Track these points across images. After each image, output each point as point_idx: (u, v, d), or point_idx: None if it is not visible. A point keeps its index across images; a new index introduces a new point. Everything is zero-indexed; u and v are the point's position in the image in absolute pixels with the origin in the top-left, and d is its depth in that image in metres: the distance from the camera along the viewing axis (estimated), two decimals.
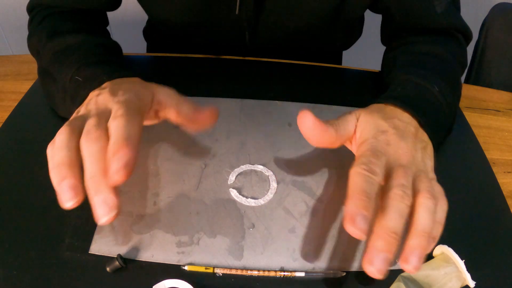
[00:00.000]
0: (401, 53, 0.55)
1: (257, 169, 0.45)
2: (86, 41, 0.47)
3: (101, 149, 0.31)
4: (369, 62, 1.26)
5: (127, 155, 0.31)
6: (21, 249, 0.36)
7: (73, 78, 0.42)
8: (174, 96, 0.40)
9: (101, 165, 0.31)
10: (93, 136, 0.32)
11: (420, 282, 0.35)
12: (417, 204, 0.33)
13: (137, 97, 0.37)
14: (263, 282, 0.36)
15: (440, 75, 0.47)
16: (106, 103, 0.35)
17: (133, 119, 0.34)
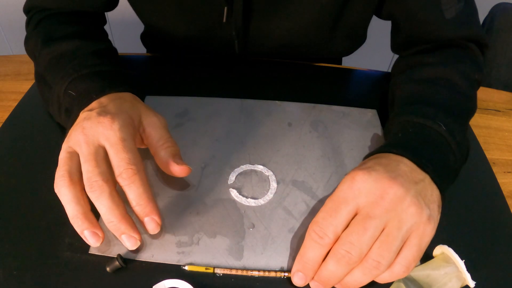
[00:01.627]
0: (408, 80, 0.50)
1: (257, 169, 0.45)
2: (81, 48, 0.47)
3: (112, 199, 0.34)
4: (369, 62, 1.27)
5: (155, 214, 0.36)
6: (21, 249, 0.36)
7: (67, 92, 0.42)
8: (159, 131, 0.40)
9: (116, 213, 0.34)
10: (99, 191, 0.34)
11: (420, 282, 0.35)
12: (355, 268, 0.33)
13: (126, 120, 0.38)
14: (263, 282, 0.36)
15: (448, 110, 0.43)
16: (97, 137, 0.36)
17: (136, 157, 0.36)
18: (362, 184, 0.34)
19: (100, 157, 0.35)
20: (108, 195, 0.34)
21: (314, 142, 0.48)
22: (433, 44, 0.52)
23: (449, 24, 0.50)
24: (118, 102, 0.40)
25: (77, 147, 0.36)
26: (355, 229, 0.32)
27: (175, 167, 0.39)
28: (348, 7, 0.55)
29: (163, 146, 0.39)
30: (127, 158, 0.35)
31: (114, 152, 0.35)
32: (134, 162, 0.35)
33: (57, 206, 0.40)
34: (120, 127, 0.36)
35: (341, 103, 0.54)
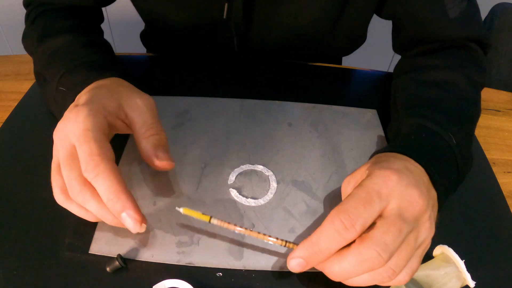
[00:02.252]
0: (413, 82, 0.49)
1: (257, 169, 0.45)
2: (74, 42, 0.46)
3: (96, 202, 0.33)
4: (369, 62, 1.27)
5: (130, 208, 0.32)
6: (21, 249, 0.36)
7: (58, 89, 0.42)
8: (142, 115, 0.37)
9: (106, 210, 0.33)
10: (80, 196, 0.33)
11: (420, 282, 0.35)
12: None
13: (94, 109, 0.35)
14: (263, 282, 0.36)
15: (458, 120, 0.42)
16: (66, 135, 0.34)
17: (101, 146, 0.33)
18: (396, 185, 0.32)
19: (74, 157, 0.33)
20: (90, 198, 0.33)
21: (314, 142, 0.48)
22: (437, 44, 0.52)
23: (452, 24, 0.50)
24: (93, 91, 0.37)
25: (56, 153, 0.35)
26: (392, 230, 0.29)
27: (156, 162, 0.37)
28: (349, 6, 0.55)
29: (144, 135, 0.37)
30: (89, 149, 0.32)
31: (77, 146, 0.33)
32: (98, 152, 0.32)
33: (57, 206, 0.40)
34: (84, 118, 0.33)
35: (341, 103, 0.54)
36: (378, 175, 0.33)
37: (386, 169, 0.33)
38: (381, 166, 0.34)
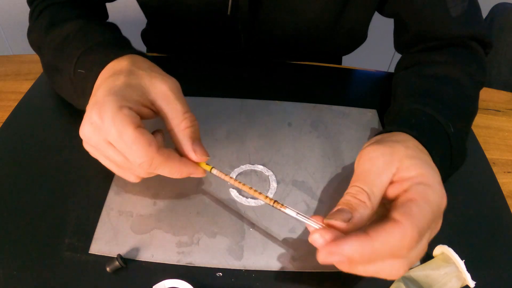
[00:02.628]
0: (415, 75, 0.50)
1: (257, 169, 0.45)
2: (86, 25, 0.45)
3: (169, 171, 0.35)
4: (370, 62, 1.27)
5: (195, 169, 0.36)
6: (21, 249, 0.36)
7: (76, 72, 0.40)
8: (170, 104, 0.35)
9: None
10: (133, 178, 0.36)
11: (420, 282, 0.35)
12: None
13: (115, 106, 0.32)
14: (263, 282, 0.36)
15: (458, 114, 0.43)
16: (98, 143, 0.33)
17: (141, 144, 0.32)
18: (438, 185, 0.32)
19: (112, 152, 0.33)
20: (146, 174, 0.35)
21: (314, 142, 0.48)
22: (440, 42, 0.52)
23: (455, 23, 0.50)
24: (111, 80, 0.35)
25: (101, 160, 0.36)
26: (435, 226, 0.31)
27: (194, 157, 0.36)
28: (350, 3, 0.55)
29: (179, 127, 0.35)
30: (134, 154, 0.32)
31: (120, 148, 0.33)
32: (142, 153, 0.32)
33: (57, 206, 0.40)
34: (111, 120, 0.32)
35: (341, 103, 0.54)
36: (427, 187, 0.32)
37: (432, 171, 0.33)
38: (419, 161, 0.33)
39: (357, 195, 0.32)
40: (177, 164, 0.35)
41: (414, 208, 0.30)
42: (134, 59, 0.38)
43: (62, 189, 0.41)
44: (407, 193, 0.31)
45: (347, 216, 0.31)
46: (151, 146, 0.32)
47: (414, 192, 0.31)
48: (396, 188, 0.33)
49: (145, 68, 0.37)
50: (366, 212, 0.31)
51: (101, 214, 0.39)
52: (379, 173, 0.33)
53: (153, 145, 0.33)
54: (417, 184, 0.31)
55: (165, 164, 0.34)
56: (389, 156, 0.33)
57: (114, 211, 0.40)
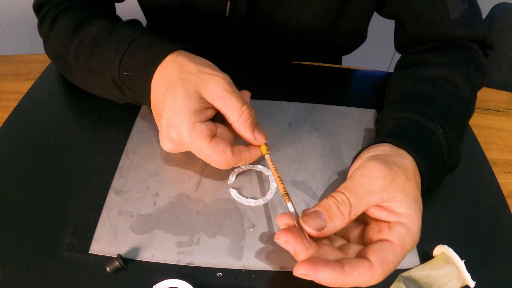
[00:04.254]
0: (410, 77, 0.50)
1: (257, 169, 0.45)
2: (111, 26, 0.45)
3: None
4: (370, 62, 1.27)
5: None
6: (21, 249, 0.36)
7: (122, 75, 0.42)
8: (227, 102, 0.38)
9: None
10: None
11: (420, 282, 0.35)
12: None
13: (185, 121, 0.37)
14: (263, 282, 0.36)
15: (447, 116, 0.43)
16: (182, 149, 0.39)
17: (217, 151, 0.38)
18: (412, 245, 0.33)
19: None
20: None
21: (314, 142, 0.48)
22: (439, 43, 0.52)
23: (455, 25, 0.50)
24: (170, 97, 0.38)
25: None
26: (400, 257, 0.32)
27: (256, 143, 0.41)
28: (349, 5, 0.55)
29: (239, 122, 0.39)
30: (213, 162, 0.38)
31: (203, 158, 0.38)
32: (219, 161, 0.38)
33: (57, 206, 0.40)
34: (189, 140, 0.37)
35: (341, 103, 0.54)
36: (411, 206, 0.34)
37: (417, 214, 0.34)
38: (411, 199, 0.34)
39: (340, 205, 0.33)
40: (247, 155, 0.40)
41: (391, 256, 0.32)
42: (179, 62, 0.40)
43: (62, 189, 0.41)
44: (388, 231, 0.33)
45: (321, 224, 0.32)
46: (226, 152, 0.38)
47: (396, 234, 0.33)
48: (382, 214, 0.34)
49: (194, 71, 0.39)
50: (340, 224, 0.33)
51: (101, 214, 0.39)
52: (372, 193, 0.34)
53: (228, 151, 0.38)
54: (401, 226, 0.33)
55: (239, 161, 0.39)
56: (389, 181, 0.34)
57: (114, 211, 0.40)
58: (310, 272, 0.31)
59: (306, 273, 0.31)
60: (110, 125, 0.48)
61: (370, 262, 0.31)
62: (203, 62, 0.41)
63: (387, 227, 0.33)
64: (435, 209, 0.43)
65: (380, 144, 0.39)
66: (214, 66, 0.41)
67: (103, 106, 0.50)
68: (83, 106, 0.51)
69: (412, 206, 0.34)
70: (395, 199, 0.34)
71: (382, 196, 0.34)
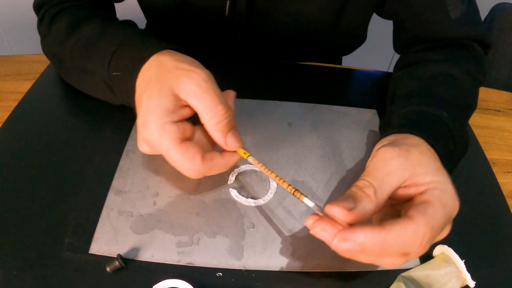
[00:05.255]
0: (410, 76, 0.50)
1: (257, 169, 0.45)
2: (105, 26, 0.45)
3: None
4: (370, 62, 1.27)
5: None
6: (21, 249, 0.36)
7: (111, 75, 0.41)
8: (200, 101, 0.35)
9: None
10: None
11: (420, 282, 0.35)
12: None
13: (158, 120, 0.34)
14: (263, 282, 0.36)
15: (449, 103, 0.44)
16: (154, 150, 0.36)
17: (186, 156, 0.35)
18: (453, 205, 0.32)
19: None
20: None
21: (314, 142, 0.48)
22: (439, 43, 0.52)
23: (454, 25, 0.50)
24: (146, 97, 0.36)
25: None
26: (443, 234, 0.32)
27: (227, 149, 0.37)
28: (349, 5, 0.55)
29: (210, 123, 0.35)
30: (180, 169, 0.35)
31: (171, 163, 0.36)
32: (187, 167, 0.35)
33: (57, 206, 0.40)
34: (158, 142, 0.34)
35: (341, 103, 0.54)
36: (439, 204, 0.32)
37: (445, 179, 0.33)
38: (432, 168, 0.33)
39: (363, 188, 0.32)
40: (220, 162, 0.37)
41: (430, 208, 0.30)
42: (160, 61, 0.38)
43: (62, 189, 0.41)
44: (422, 195, 0.32)
45: (349, 205, 0.31)
46: (195, 159, 0.35)
47: (430, 195, 0.31)
48: (411, 191, 0.33)
49: (171, 68, 0.37)
50: (370, 206, 0.31)
51: (101, 214, 0.39)
52: (391, 173, 0.33)
53: (198, 158, 0.35)
54: (433, 189, 0.32)
55: (210, 169, 0.36)
56: (404, 159, 0.33)
57: (114, 211, 0.40)
58: (348, 235, 0.29)
59: (345, 237, 0.29)
60: (110, 125, 0.48)
61: (409, 216, 0.29)
62: (185, 59, 0.38)
63: (420, 196, 0.32)
64: None
65: (386, 137, 0.39)
66: (196, 62, 0.38)
67: (103, 106, 0.50)
68: (83, 106, 0.51)
69: (437, 173, 0.33)
70: (416, 174, 0.33)
71: (402, 174, 0.33)
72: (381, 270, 0.37)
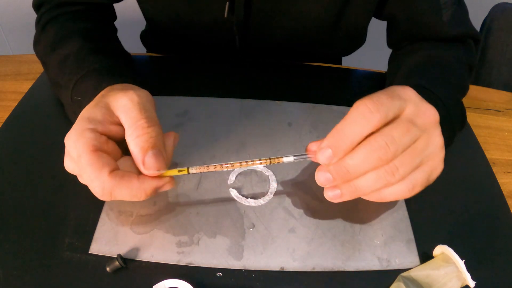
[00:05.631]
0: (402, 63, 0.53)
1: (257, 169, 0.45)
2: (81, 49, 0.45)
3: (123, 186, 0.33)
4: (369, 62, 1.26)
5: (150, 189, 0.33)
6: (21, 249, 0.36)
7: (74, 99, 0.42)
8: (128, 113, 0.33)
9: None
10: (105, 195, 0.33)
11: (420, 282, 0.35)
12: (370, 171, 0.31)
13: (79, 129, 0.33)
14: (263, 282, 0.36)
15: (440, 81, 0.46)
16: (72, 164, 0.34)
17: (95, 169, 0.32)
18: (413, 95, 0.33)
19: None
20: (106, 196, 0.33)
21: None
22: (431, 40, 0.55)
23: (446, 26, 0.52)
24: (88, 106, 0.36)
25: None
26: (399, 127, 0.31)
27: (143, 169, 0.33)
28: (349, 7, 0.55)
29: (130, 137, 0.33)
30: (87, 179, 0.32)
31: (79, 170, 0.33)
32: (93, 178, 0.32)
33: (57, 206, 0.40)
34: (73, 143, 0.32)
35: (341, 103, 0.54)
36: (396, 86, 0.33)
37: (401, 85, 0.34)
38: (394, 85, 0.34)
39: None
40: (135, 183, 0.32)
41: (375, 95, 0.31)
42: (118, 85, 0.38)
43: (62, 189, 0.41)
44: None
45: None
46: (103, 169, 0.32)
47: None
48: None
49: (118, 88, 0.37)
50: None
51: (101, 214, 0.39)
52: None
53: (105, 169, 0.32)
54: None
55: (119, 186, 0.32)
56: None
57: (114, 211, 0.40)
58: (317, 172, 0.33)
59: (316, 173, 0.33)
60: None
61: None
62: (136, 86, 0.38)
63: None
64: (435, 209, 0.43)
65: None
66: (141, 89, 0.37)
67: None
68: None
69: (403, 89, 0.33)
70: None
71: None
72: (381, 270, 0.37)
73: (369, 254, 0.38)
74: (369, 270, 0.37)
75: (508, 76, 0.87)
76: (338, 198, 0.33)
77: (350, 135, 0.31)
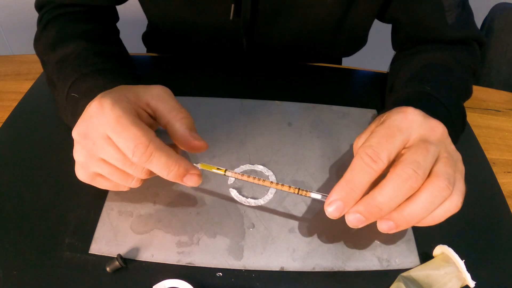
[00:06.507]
0: (405, 69, 0.53)
1: (257, 169, 0.45)
2: (86, 49, 0.46)
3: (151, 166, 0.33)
4: (370, 62, 1.26)
5: (191, 169, 0.34)
6: (21, 249, 0.36)
7: (69, 95, 0.41)
8: (167, 100, 0.36)
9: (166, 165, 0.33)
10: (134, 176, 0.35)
11: (420, 282, 0.35)
12: (425, 186, 0.31)
13: (116, 97, 0.33)
14: (263, 282, 0.36)
15: (443, 85, 0.46)
16: (96, 135, 0.32)
17: (139, 129, 0.32)
18: (414, 117, 0.33)
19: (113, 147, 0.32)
20: (143, 171, 0.34)
21: (314, 142, 0.48)
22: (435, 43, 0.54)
23: (451, 29, 0.52)
24: (112, 90, 0.36)
25: (80, 152, 0.34)
26: (419, 150, 0.31)
27: (194, 142, 0.35)
28: (353, 10, 0.55)
29: (176, 117, 0.35)
30: (130, 136, 0.31)
31: (115, 136, 0.31)
32: (139, 135, 0.31)
33: (57, 206, 0.40)
34: (110, 107, 0.32)
35: (341, 103, 0.54)
36: (395, 113, 0.34)
37: (401, 108, 0.34)
38: (394, 110, 0.35)
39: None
40: (174, 154, 0.33)
41: (367, 138, 0.33)
42: (129, 85, 0.38)
43: (62, 189, 0.41)
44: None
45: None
46: (150, 130, 0.32)
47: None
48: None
49: (127, 87, 0.37)
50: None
51: (101, 214, 0.39)
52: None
53: (152, 130, 0.32)
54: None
55: (161, 150, 0.32)
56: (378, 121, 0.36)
57: (114, 211, 0.40)
58: (326, 206, 0.32)
59: (325, 208, 0.32)
60: None
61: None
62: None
63: None
64: None
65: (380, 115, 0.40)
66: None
67: None
68: None
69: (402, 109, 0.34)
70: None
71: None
72: (381, 270, 0.37)
73: (369, 254, 0.38)
74: (369, 270, 0.37)
75: (508, 76, 0.87)
76: (394, 229, 0.32)
77: (359, 184, 0.31)
